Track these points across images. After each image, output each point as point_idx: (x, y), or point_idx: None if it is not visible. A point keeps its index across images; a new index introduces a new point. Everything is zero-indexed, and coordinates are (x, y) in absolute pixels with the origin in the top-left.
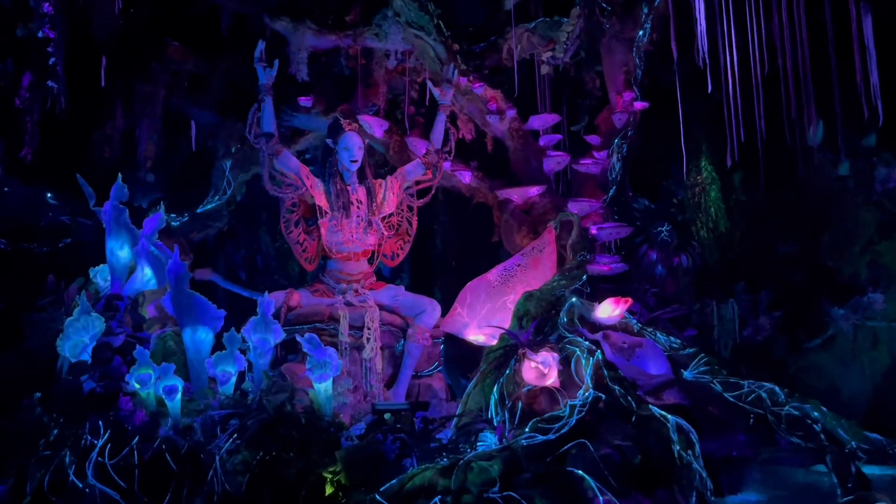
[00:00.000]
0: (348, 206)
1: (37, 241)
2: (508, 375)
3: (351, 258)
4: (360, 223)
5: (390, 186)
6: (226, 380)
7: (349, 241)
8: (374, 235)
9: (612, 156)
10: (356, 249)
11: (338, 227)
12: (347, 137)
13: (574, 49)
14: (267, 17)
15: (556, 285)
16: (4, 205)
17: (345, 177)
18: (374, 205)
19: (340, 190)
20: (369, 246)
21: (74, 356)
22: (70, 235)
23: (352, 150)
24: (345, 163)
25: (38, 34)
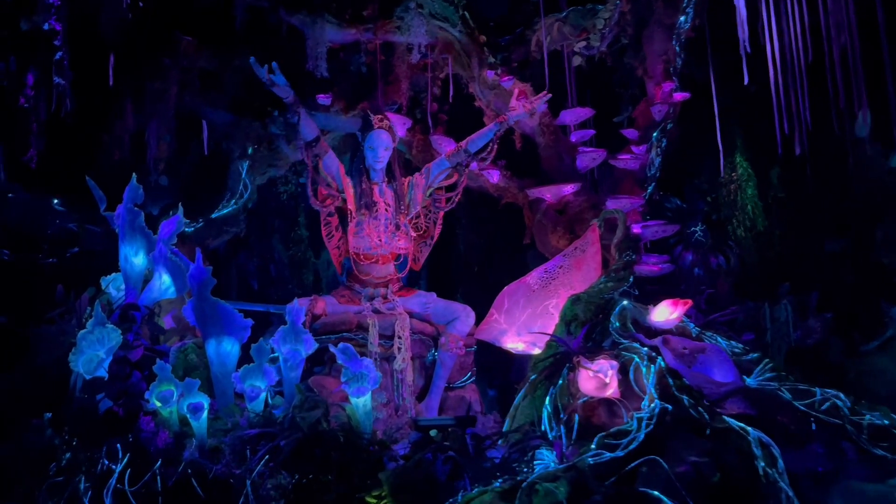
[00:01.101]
0: (371, 206)
1: (42, 250)
2: (562, 386)
3: (378, 261)
4: (389, 225)
5: (416, 184)
6: (255, 395)
7: (377, 245)
8: (402, 238)
9: (650, 150)
10: (383, 252)
11: (363, 228)
12: (374, 136)
13: (611, 37)
14: (283, 10)
15: (603, 287)
16: (7, 212)
17: (371, 175)
18: (403, 206)
19: (365, 189)
20: (398, 249)
21: (89, 372)
22: (78, 244)
23: (377, 151)
24: (369, 162)
25: (43, 26)
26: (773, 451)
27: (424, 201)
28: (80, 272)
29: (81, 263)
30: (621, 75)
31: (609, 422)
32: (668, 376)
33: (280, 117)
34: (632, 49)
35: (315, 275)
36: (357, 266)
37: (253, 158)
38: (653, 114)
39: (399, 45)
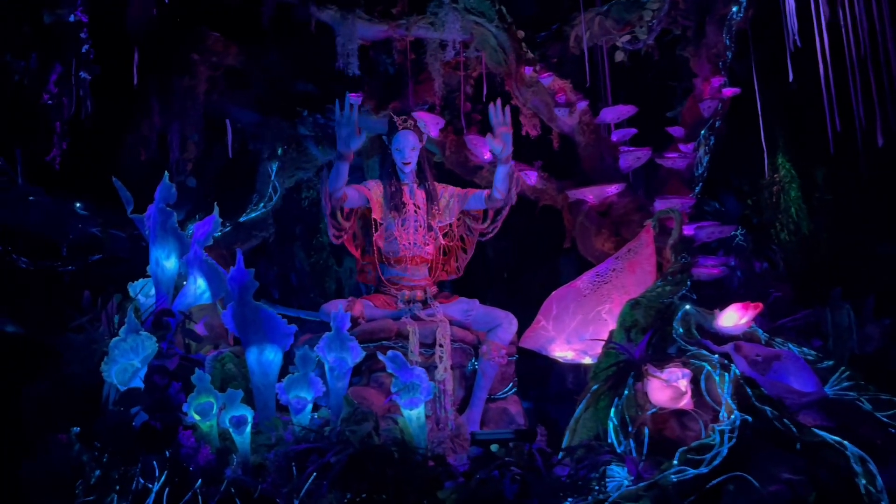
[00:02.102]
0: (401, 208)
1: (61, 258)
2: (628, 397)
3: (408, 263)
4: (419, 228)
5: (456, 195)
6: (301, 408)
7: (406, 247)
8: (432, 244)
9: (698, 149)
10: (414, 254)
11: (392, 232)
12: (400, 137)
13: (660, 29)
14: (313, 5)
15: (661, 291)
16: (28, 216)
17: (401, 177)
18: (435, 208)
19: (395, 191)
20: (427, 255)
21: (123, 383)
22: (101, 250)
23: (403, 152)
24: (398, 163)
25: (68, 18)
26: (871, 466)
27: (461, 222)
28: (102, 278)
29: (104, 270)
30: (672, 69)
31: (682, 435)
32: (746, 385)
33: (309, 117)
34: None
35: (337, 283)
36: (388, 270)
37: (281, 160)
38: (701, 110)
39: (431, 42)
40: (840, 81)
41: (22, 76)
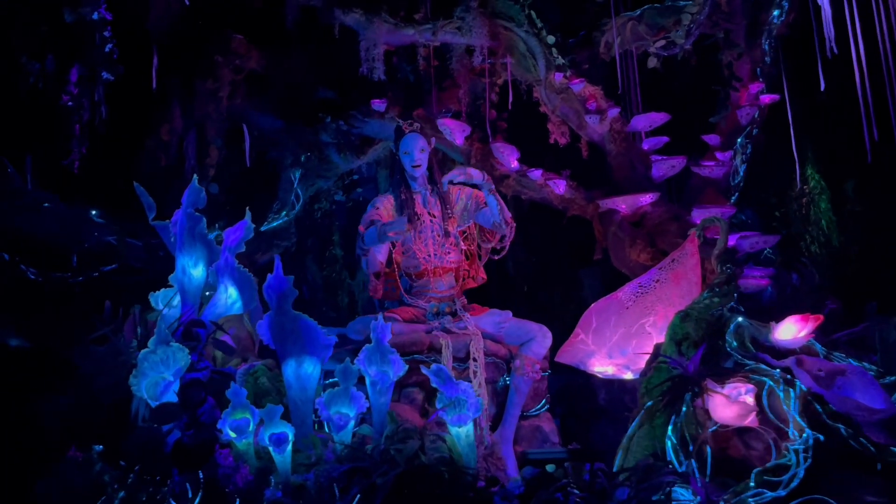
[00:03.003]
0: (415, 219)
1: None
2: (687, 413)
3: (431, 275)
4: (437, 237)
5: (473, 197)
6: (343, 424)
7: (426, 259)
8: (454, 251)
9: (735, 157)
10: (435, 266)
11: (410, 246)
12: (407, 140)
13: (698, 33)
14: (338, 9)
15: (709, 303)
16: (42, 224)
17: (412, 185)
18: (449, 212)
19: (406, 199)
20: (450, 263)
21: (154, 397)
22: (116, 259)
23: (412, 154)
24: (407, 168)
25: (92, 16)
26: None
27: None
28: (117, 289)
29: (118, 280)
30: (707, 75)
31: (746, 454)
32: (814, 402)
33: (332, 124)
34: (725, 46)
35: (350, 297)
36: (412, 284)
37: (304, 167)
38: (738, 117)
39: (457, 48)
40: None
41: (37, 78)
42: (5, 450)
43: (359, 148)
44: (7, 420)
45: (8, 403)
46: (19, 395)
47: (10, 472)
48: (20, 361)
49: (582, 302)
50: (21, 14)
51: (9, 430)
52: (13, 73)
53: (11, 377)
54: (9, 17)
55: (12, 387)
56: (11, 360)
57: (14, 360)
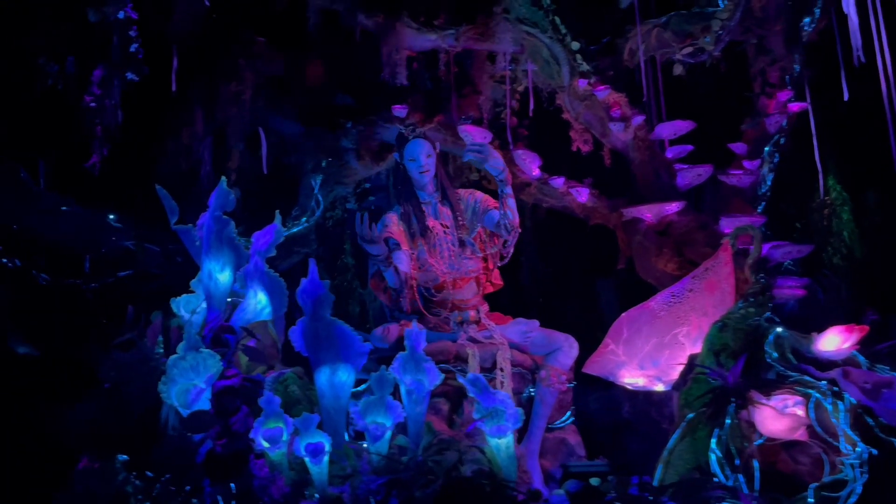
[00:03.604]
0: (426, 232)
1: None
2: (732, 426)
3: (451, 288)
4: (451, 247)
5: (482, 200)
6: (379, 434)
7: (443, 273)
8: (472, 259)
9: (762, 166)
10: (453, 277)
11: (425, 261)
12: (412, 146)
13: (728, 40)
14: (361, 13)
15: (745, 313)
16: (59, 227)
17: (420, 196)
18: (461, 218)
19: (414, 211)
20: (469, 273)
21: (184, 405)
22: (132, 264)
23: (419, 160)
24: (414, 176)
25: (118, 16)
26: None
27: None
28: (133, 295)
29: (135, 286)
30: (737, 81)
31: (795, 468)
32: (865, 415)
33: (353, 129)
34: (759, 51)
35: (361, 306)
36: (431, 297)
37: (326, 172)
38: (766, 126)
39: (479, 54)
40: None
41: (55, 79)
42: (26, 460)
43: (378, 154)
44: (26, 429)
45: (27, 412)
46: (39, 404)
47: (30, 484)
48: (39, 369)
49: (598, 313)
50: (42, 14)
51: (28, 440)
52: (30, 75)
53: (30, 385)
54: (28, 18)
55: (31, 395)
56: (30, 367)
57: (32, 367)
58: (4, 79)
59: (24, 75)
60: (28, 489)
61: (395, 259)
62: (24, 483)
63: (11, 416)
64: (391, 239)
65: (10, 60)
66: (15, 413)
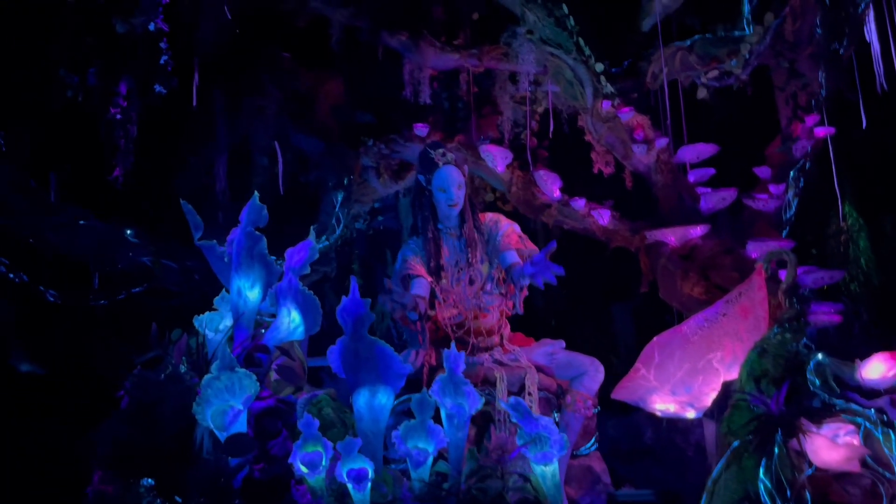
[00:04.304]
0: (447, 265)
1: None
2: (781, 455)
3: (470, 320)
4: (472, 282)
5: (503, 231)
6: (422, 460)
7: (466, 308)
8: (494, 293)
9: (787, 191)
10: (476, 313)
11: (448, 296)
12: (443, 174)
13: (756, 64)
14: (385, 31)
15: (782, 339)
16: (77, 241)
17: (440, 226)
18: (481, 252)
19: (435, 241)
20: (489, 307)
21: (221, 427)
22: (150, 280)
23: (449, 192)
24: (442, 207)
25: (148, 27)
26: None
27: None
28: (149, 312)
29: (150, 302)
30: (757, 106)
31: (848, 500)
32: None
33: (374, 147)
34: (791, 75)
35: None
36: (454, 333)
37: (348, 189)
38: (792, 150)
39: (501, 74)
40: None
41: (76, 91)
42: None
43: (397, 173)
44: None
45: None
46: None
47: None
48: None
49: (613, 337)
50: (66, 26)
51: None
52: (49, 86)
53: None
54: (50, 30)
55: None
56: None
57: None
58: (24, 90)
59: (44, 87)
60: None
61: (415, 287)
62: None
63: (22, 436)
64: (414, 277)
65: (30, 71)
66: (26, 433)
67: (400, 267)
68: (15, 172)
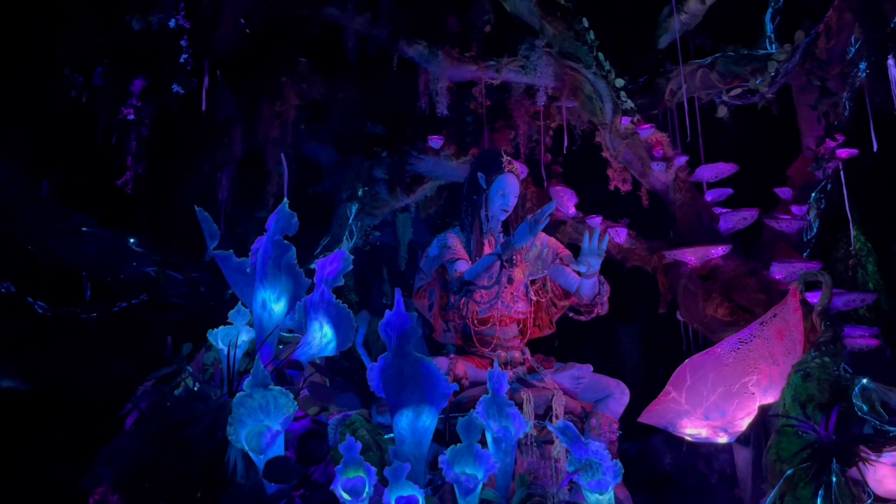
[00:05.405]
0: None
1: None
2: (839, 484)
3: (497, 324)
4: (504, 283)
5: (550, 246)
6: (472, 487)
7: (492, 306)
8: (522, 300)
9: (809, 212)
10: (503, 314)
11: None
12: (506, 181)
13: (783, 82)
14: (403, 40)
15: (822, 362)
16: (79, 249)
17: (484, 227)
18: (523, 259)
19: (478, 236)
20: (518, 313)
21: (257, 450)
22: (153, 291)
23: (507, 197)
24: (495, 209)
25: (166, 24)
26: None
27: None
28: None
29: (152, 316)
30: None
31: None
32: None
33: (388, 158)
34: (823, 94)
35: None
36: (474, 330)
37: (363, 200)
38: (825, 170)
39: (517, 88)
40: None
41: (80, 91)
42: None
43: (409, 186)
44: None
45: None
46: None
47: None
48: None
49: (619, 359)
50: (76, 24)
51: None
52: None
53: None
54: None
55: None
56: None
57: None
58: (27, 89)
59: (48, 87)
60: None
61: (460, 266)
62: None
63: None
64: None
65: (32, 71)
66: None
67: (440, 252)
68: (17, 176)
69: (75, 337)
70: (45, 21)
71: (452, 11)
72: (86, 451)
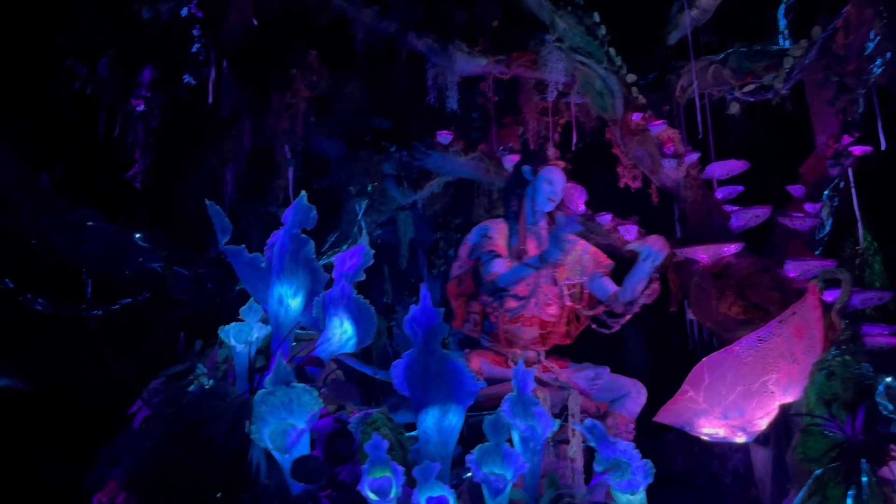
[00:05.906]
0: (522, 255)
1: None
2: (871, 485)
3: (524, 324)
4: (542, 284)
5: (591, 254)
6: (500, 488)
7: (524, 305)
8: (556, 303)
9: (822, 210)
10: (534, 314)
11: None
12: (554, 171)
13: (798, 78)
14: (412, 33)
15: (843, 360)
16: (84, 245)
17: (530, 219)
18: (562, 262)
19: (522, 232)
20: (548, 316)
21: (281, 448)
22: (159, 287)
23: (555, 186)
24: (541, 200)
25: (177, 14)
26: None
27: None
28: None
29: (157, 312)
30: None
31: None
32: None
33: (396, 154)
34: (841, 90)
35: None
36: (503, 328)
37: (372, 197)
38: (843, 167)
39: (526, 83)
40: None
41: (85, 83)
42: None
43: (417, 182)
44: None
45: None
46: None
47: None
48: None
49: (622, 359)
50: (81, 13)
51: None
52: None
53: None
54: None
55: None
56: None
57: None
58: (31, 81)
59: (53, 78)
60: None
61: (495, 266)
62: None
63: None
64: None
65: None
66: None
67: (480, 241)
68: (22, 169)
69: (76, 335)
70: (50, 11)
71: (461, 5)
72: (86, 451)
